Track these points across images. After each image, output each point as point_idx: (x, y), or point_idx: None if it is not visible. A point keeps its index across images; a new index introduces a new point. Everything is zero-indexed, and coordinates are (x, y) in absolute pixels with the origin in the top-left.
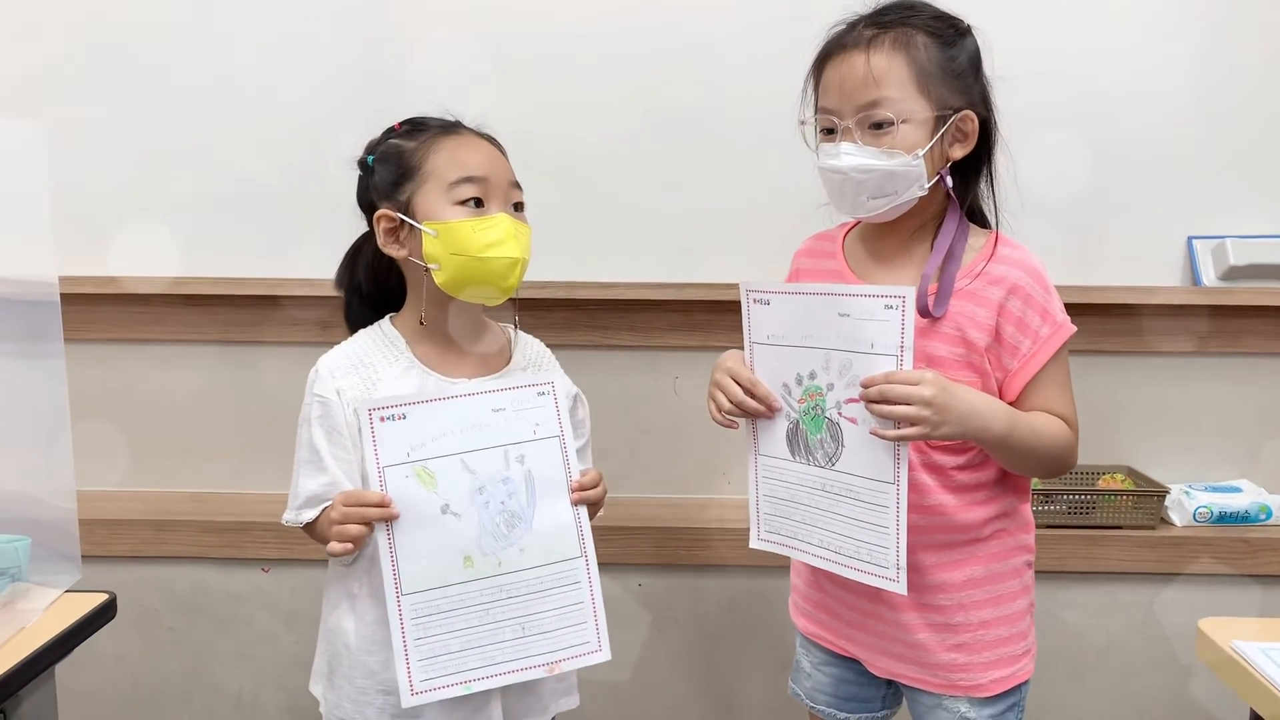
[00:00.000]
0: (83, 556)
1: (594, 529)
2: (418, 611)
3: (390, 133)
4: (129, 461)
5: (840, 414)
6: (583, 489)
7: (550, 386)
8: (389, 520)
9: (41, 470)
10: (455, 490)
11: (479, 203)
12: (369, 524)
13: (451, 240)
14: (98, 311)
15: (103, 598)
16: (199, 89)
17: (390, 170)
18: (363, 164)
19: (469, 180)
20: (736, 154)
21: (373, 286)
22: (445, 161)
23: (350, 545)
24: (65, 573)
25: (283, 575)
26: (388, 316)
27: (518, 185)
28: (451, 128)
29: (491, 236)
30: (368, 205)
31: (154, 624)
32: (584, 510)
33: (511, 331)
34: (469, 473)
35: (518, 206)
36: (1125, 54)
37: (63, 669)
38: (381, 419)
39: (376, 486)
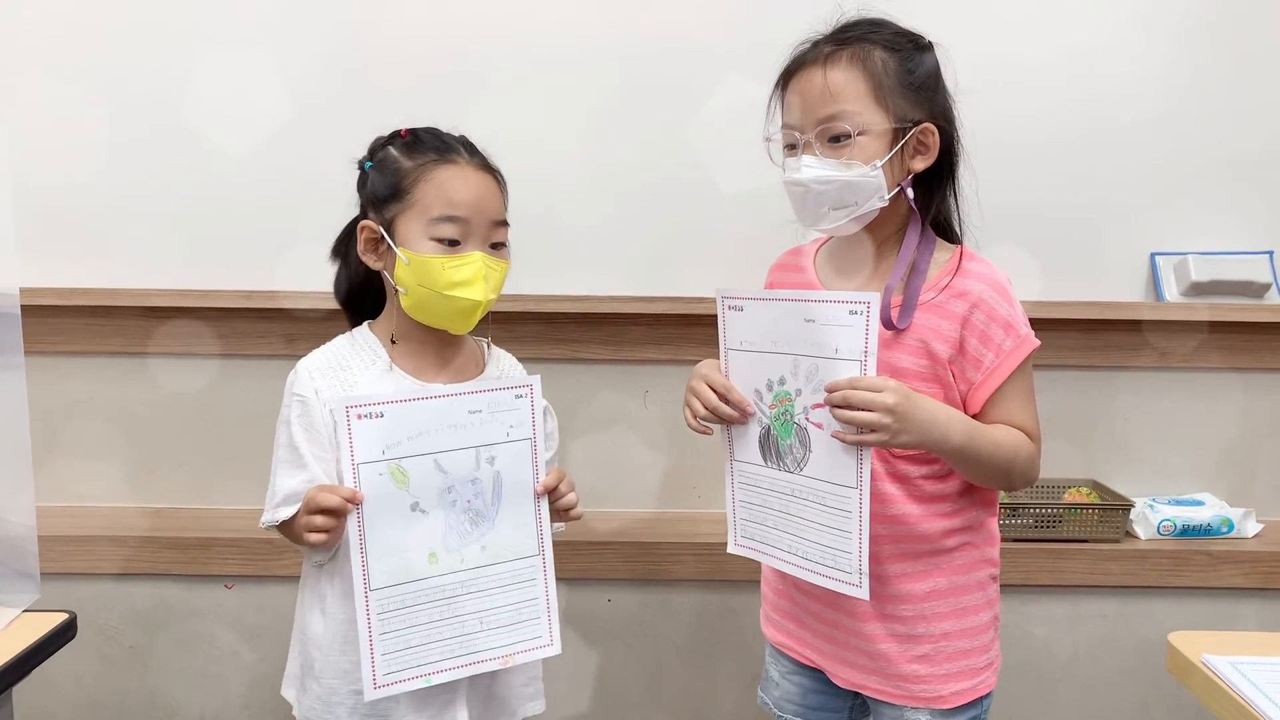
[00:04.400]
0: (40, 574)
1: (562, 543)
2: (384, 607)
3: (394, 138)
4: (88, 476)
5: (808, 419)
6: (549, 490)
7: (528, 390)
8: (347, 512)
9: (1, 486)
10: (426, 489)
11: (456, 241)
12: (335, 514)
13: (421, 272)
14: (57, 323)
15: (62, 617)
16: (169, 100)
17: (381, 184)
18: (360, 167)
19: (450, 219)
20: (708, 168)
21: (362, 267)
22: (433, 194)
23: (324, 536)
24: (24, 591)
25: (246, 592)
26: (366, 323)
27: (503, 224)
28: (451, 156)
29: (460, 276)
30: (362, 203)
31: (113, 642)
32: (545, 510)
33: (485, 344)
34: (440, 472)
35: (497, 245)
36: (1089, 72)
37: (18, 688)
38: (359, 416)
39: (350, 483)
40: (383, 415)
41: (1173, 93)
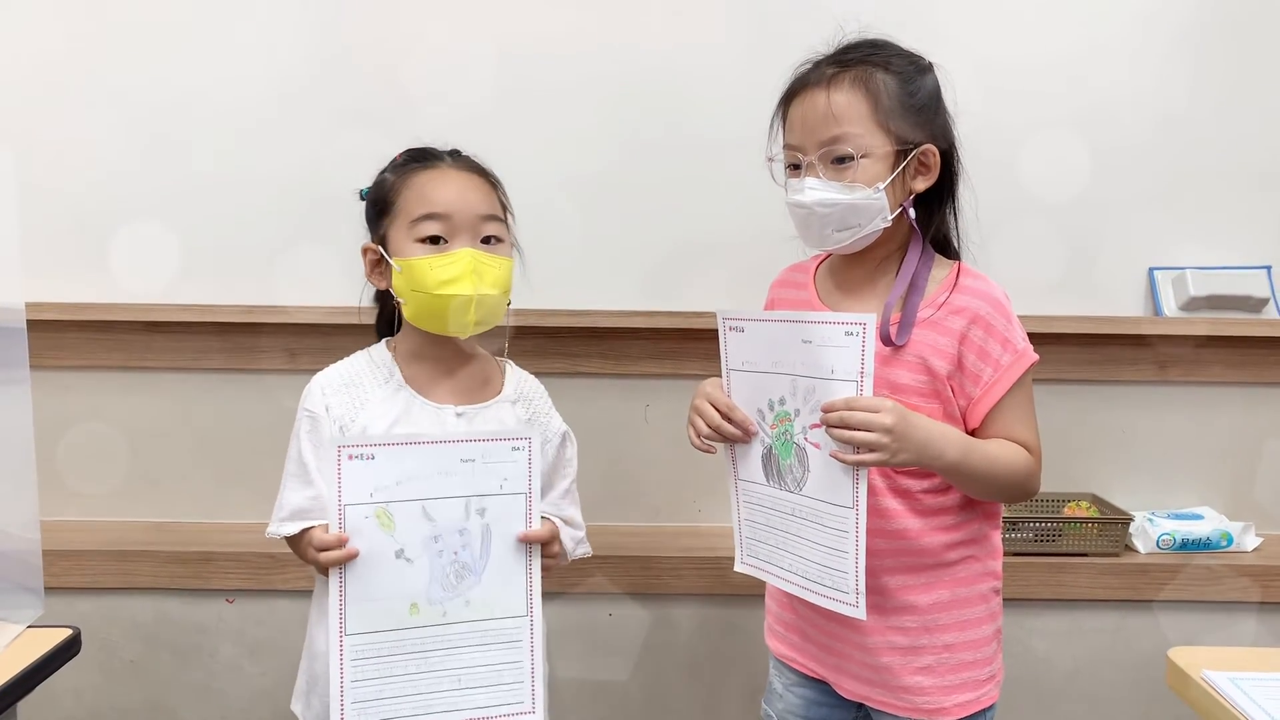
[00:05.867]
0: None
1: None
2: (358, 654)
3: (390, 163)
4: (90, 491)
5: (806, 439)
6: (529, 539)
7: (526, 443)
8: (348, 560)
9: (5, 501)
10: (411, 536)
11: (442, 239)
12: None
13: (411, 276)
14: (59, 338)
15: (66, 633)
16: (169, 116)
17: (374, 203)
18: (360, 195)
19: (430, 217)
20: (709, 183)
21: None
22: (413, 198)
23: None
24: (28, 606)
25: (247, 606)
26: (384, 340)
27: (495, 218)
28: (432, 161)
29: (447, 274)
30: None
31: (114, 657)
32: (537, 569)
33: (506, 362)
34: (428, 520)
35: (490, 240)
36: (1087, 87)
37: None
38: (350, 457)
39: (335, 524)
40: (373, 457)
41: (1171, 108)
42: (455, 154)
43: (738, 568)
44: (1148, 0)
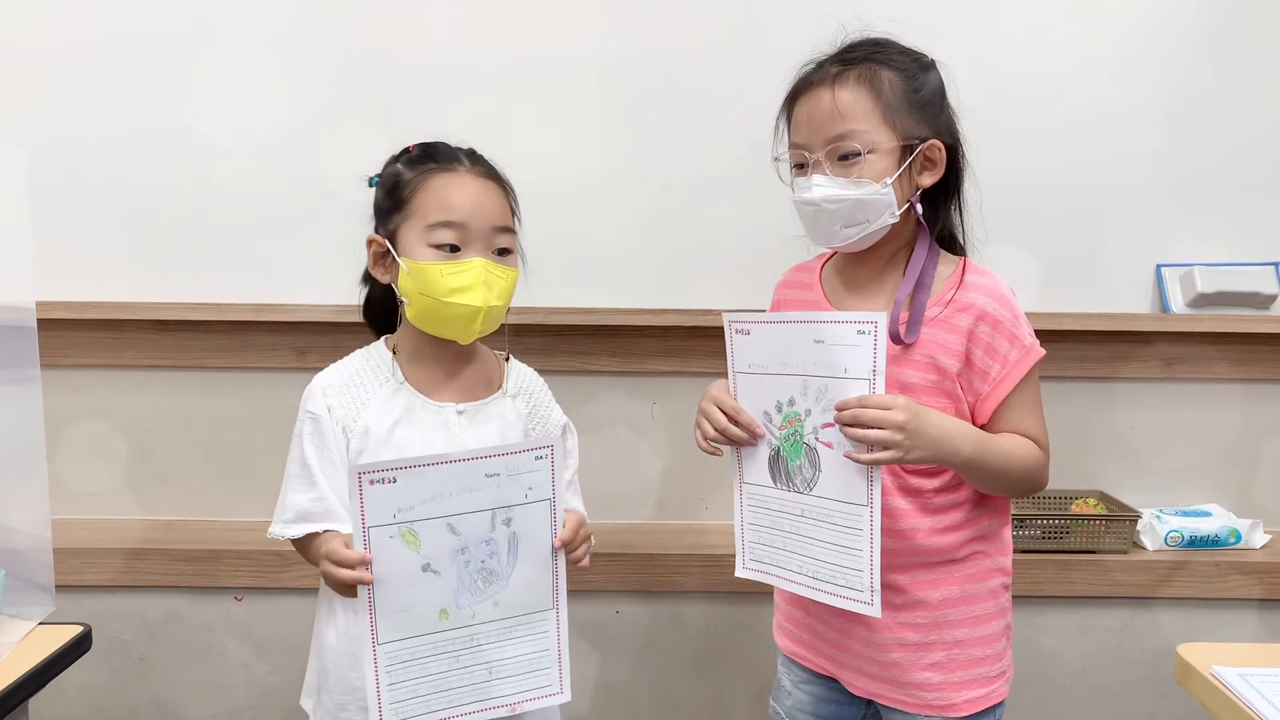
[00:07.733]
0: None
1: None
2: (392, 660)
3: (403, 154)
4: (100, 489)
5: (817, 439)
6: (565, 544)
7: (549, 451)
8: (365, 583)
9: (16, 499)
10: (438, 550)
11: (455, 247)
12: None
13: (421, 280)
14: (69, 336)
15: (77, 630)
16: (175, 114)
17: (385, 197)
18: (369, 182)
19: (446, 225)
20: (716, 182)
21: (385, 289)
22: (430, 201)
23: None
24: (39, 604)
25: (256, 604)
26: (383, 338)
27: (507, 229)
28: (451, 164)
29: (458, 283)
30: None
31: (124, 654)
32: (562, 564)
33: (504, 359)
34: (453, 534)
35: (502, 251)
36: (1093, 84)
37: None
38: (371, 482)
39: (360, 544)
40: (395, 480)
41: (1179, 104)
42: (472, 156)
43: (739, 573)
44: None
